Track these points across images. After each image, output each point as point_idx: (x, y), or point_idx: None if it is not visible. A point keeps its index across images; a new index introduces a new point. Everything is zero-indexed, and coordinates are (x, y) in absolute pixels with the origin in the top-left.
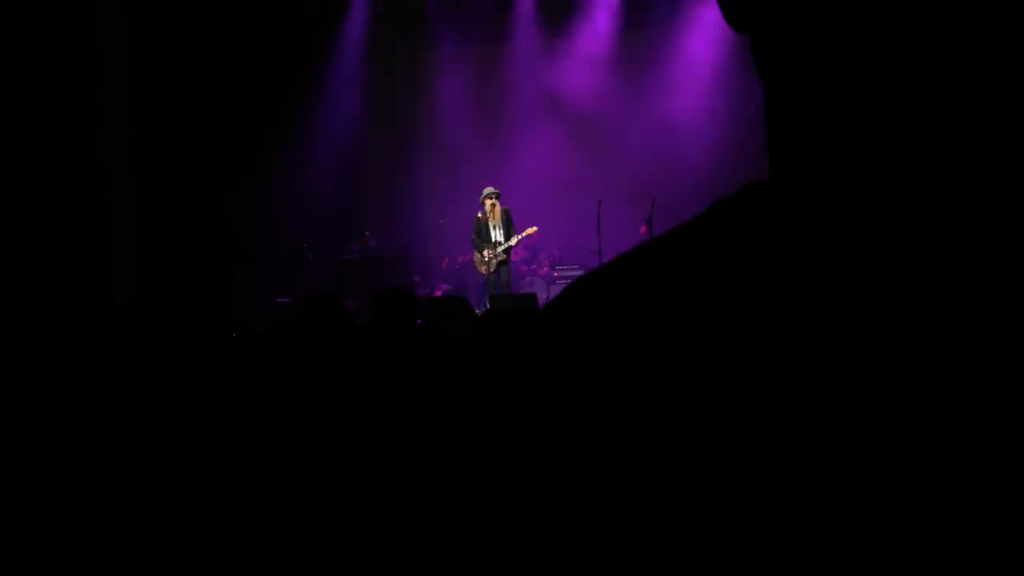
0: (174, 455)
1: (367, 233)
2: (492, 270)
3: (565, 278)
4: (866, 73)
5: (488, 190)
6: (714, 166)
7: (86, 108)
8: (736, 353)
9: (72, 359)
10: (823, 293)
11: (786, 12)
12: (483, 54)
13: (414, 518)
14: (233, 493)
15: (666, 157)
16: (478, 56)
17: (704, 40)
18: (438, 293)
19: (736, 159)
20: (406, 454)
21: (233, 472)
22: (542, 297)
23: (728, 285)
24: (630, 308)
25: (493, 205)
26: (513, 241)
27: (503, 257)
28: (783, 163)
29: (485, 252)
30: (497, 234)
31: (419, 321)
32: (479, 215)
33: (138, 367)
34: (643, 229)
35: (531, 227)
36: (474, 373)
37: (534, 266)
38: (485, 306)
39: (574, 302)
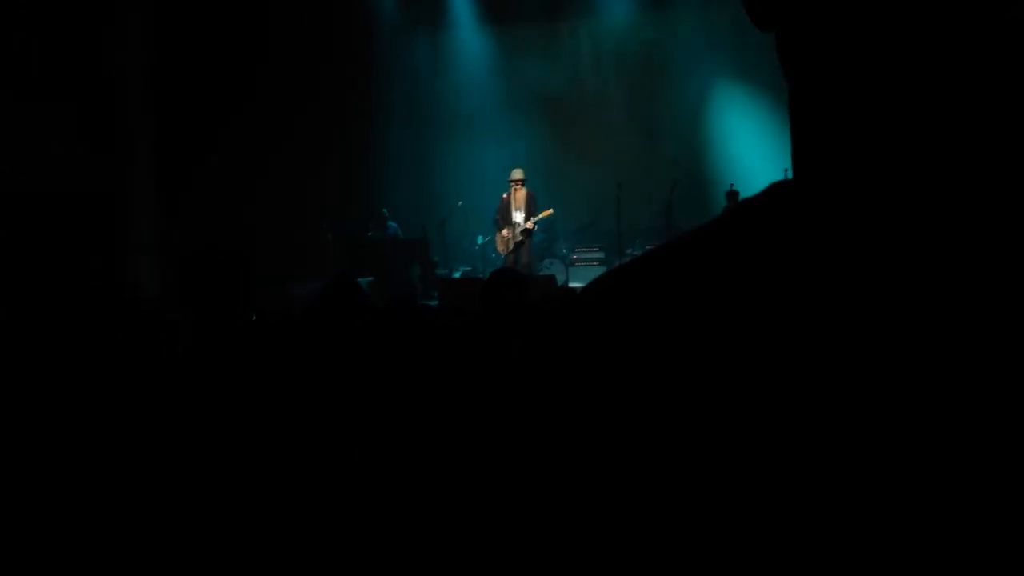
0: (191, 440)
1: (384, 212)
2: (511, 250)
3: (584, 260)
4: (888, 75)
5: (515, 173)
6: (735, 151)
7: (110, 97)
8: (758, 358)
9: (92, 344)
10: (846, 296)
11: (809, 13)
12: (507, 37)
13: (428, 508)
14: (249, 480)
15: (687, 140)
16: (501, 38)
17: (733, 20)
18: (457, 275)
19: (756, 144)
20: (420, 443)
21: (248, 459)
22: (560, 279)
23: (752, 289)
24: (654, 313)
25: (518, 188)
26: (529, 223)
27: (521, 238)
28: (808, 164)
29: (504, 232)
30: (518, 216)
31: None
32: (504, 196)
33: (156, 352)
34: (663, 212)
35: (547, 210)
36: (495, 369)
37: (553, 248)
38: None
39: (597, 306)
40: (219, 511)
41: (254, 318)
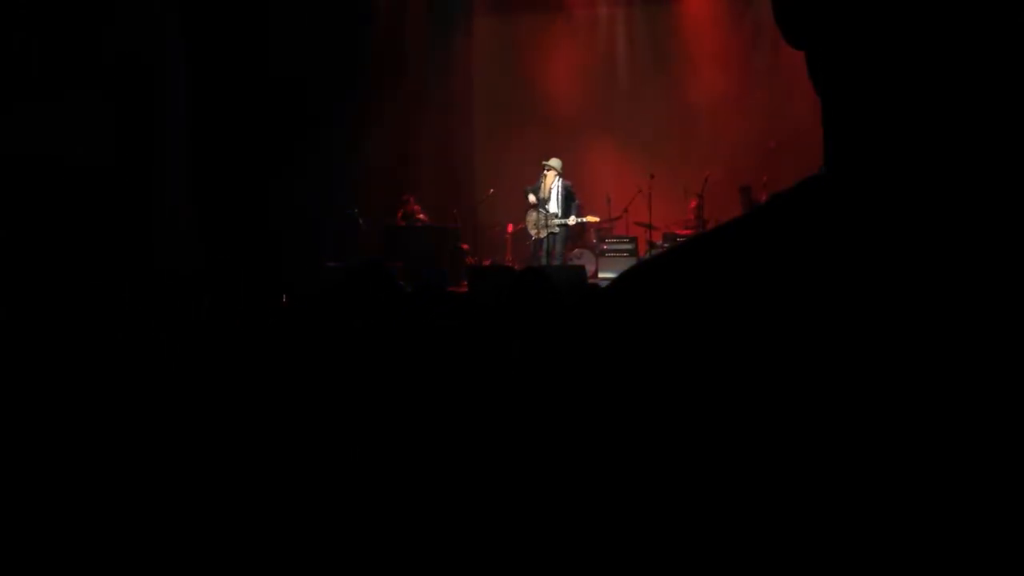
0: (217, 419)
1: (412, 198)
2: (542, 236)
3: (614, 251)
4: (915, 88)
5: (551, 160)
6: (768, 142)
7: (148, 77)
8: (784, 363)
9: (123, 321)
10: (875, 294)
11: (839, 32)
12: (541, 24)
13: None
14: (278, 460)
15: (722, 132)
16: (535, 25)
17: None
18: (487, 263)
19: (790, 133)
20: (422, 441)
21: (275, 440)
22: (590, 270)
23: (783, 290)
24: (678, 314)
25: (545, 175)
26: (571, 220)
27: (556, 229)
28: (840, 165)
29: (534, 215)
30: (554, 205)
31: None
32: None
33: (185, 331)
34: (693, 203)
35: (594, 216)
36: (516, 365)
37: (582, 239)
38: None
39: (624, 301)
40: (234, 496)
41: (284, 298)
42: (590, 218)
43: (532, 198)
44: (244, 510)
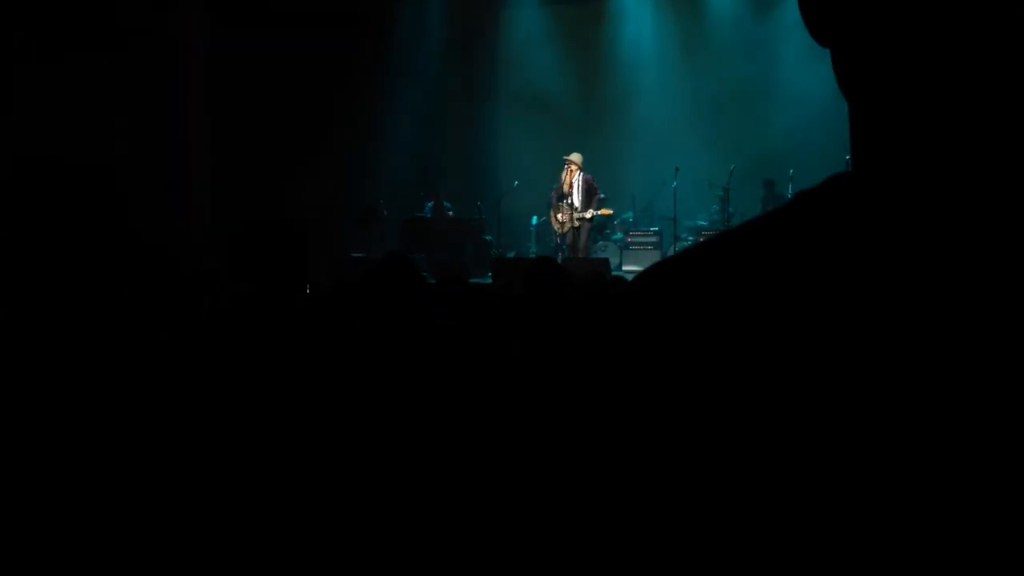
0: (240, 411)
1: (440, 193)
2: (566, 231)
3: (639, 244)
4: (942, 88)
5: (572, 156)
6: (796, 135)
7: (168, 68)
8: (814, 364)
9: (146, 315)
10: (902, 296)
11: (865, 30)
12: (566, 13)
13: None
14: (305, 449)
15: (748, 125)
16: (560, 14)
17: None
18: (510, 255)
19: (818, 126)
20: (426, 440)
21: (299, 432)
22: (615, 263)
23: (806, 287)
24: (700, 313)
25: (571, 170)
26: (588, 214)
27: (578, 223)
28: (867, 164)
29: (560, 215)
30: (575, 199)
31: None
32: (561, 178)
33: (209, 325)
34: (719, 196)
35: (607, 210)
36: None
37: (607, 231)
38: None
39: (646, 298)
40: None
41: (308, 290)
42: (603, 211)
43: (560, 214)
44: (243, 510)
